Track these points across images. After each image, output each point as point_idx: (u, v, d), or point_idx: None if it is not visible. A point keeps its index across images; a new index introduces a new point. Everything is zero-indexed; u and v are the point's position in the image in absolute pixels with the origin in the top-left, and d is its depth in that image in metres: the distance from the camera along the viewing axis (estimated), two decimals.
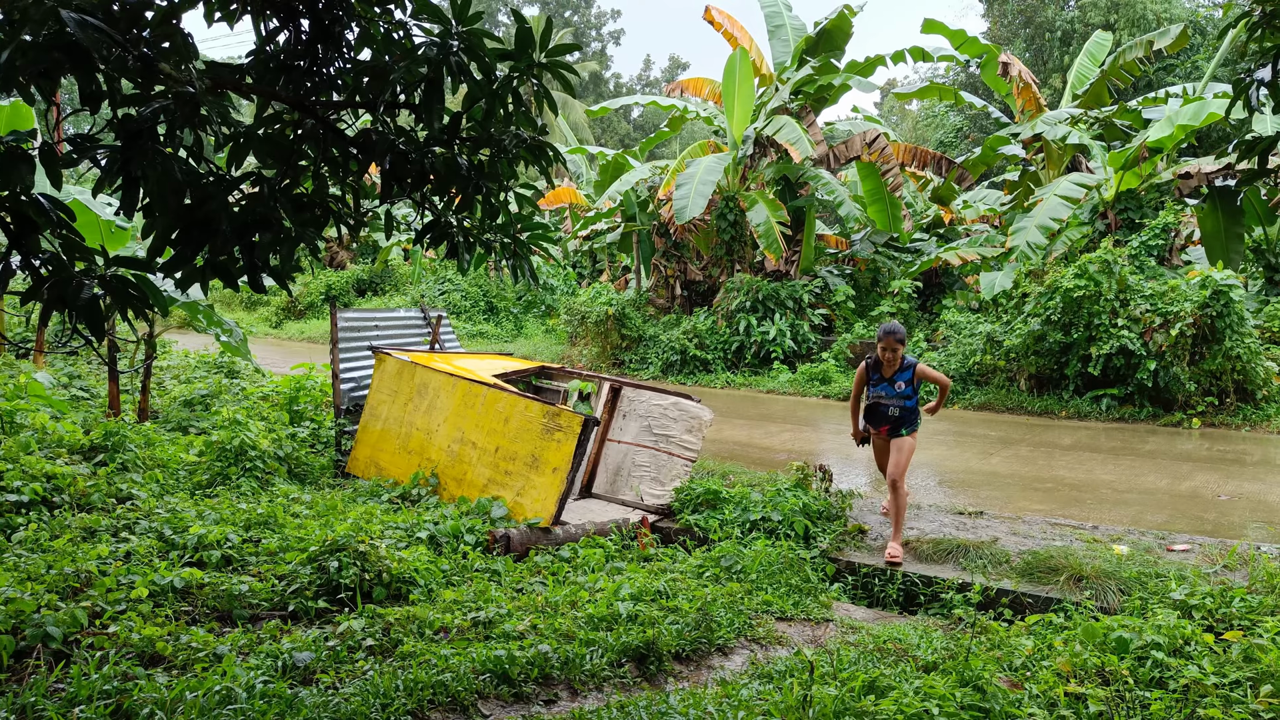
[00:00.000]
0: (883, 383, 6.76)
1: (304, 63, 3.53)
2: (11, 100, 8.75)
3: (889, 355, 6.60)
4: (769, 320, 17.26)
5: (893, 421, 6.77)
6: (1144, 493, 8.50)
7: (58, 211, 2.97)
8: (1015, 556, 6.23)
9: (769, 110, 18.26)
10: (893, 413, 6.72)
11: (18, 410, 7.49)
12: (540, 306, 25.39)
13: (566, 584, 5.63)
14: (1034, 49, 31.51)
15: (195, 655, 4.11)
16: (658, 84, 63.48)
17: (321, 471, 8.36)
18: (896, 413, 6.72)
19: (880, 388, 6.76)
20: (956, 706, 3.71)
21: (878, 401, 6.77)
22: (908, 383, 6.70)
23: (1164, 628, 4.35)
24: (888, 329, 6.61)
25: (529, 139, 3.63)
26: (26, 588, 4.49)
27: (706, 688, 4.25)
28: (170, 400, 10.70)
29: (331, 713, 3.61)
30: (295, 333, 25.80)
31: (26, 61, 2.70)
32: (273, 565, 5.41)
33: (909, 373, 6.70)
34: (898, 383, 6.69)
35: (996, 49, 17.69)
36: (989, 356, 13.93)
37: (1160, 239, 14.26)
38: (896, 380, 6.69)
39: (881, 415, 6.81)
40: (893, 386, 6.70)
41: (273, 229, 3.35)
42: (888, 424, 6.80)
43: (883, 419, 6.81)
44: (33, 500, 6.00)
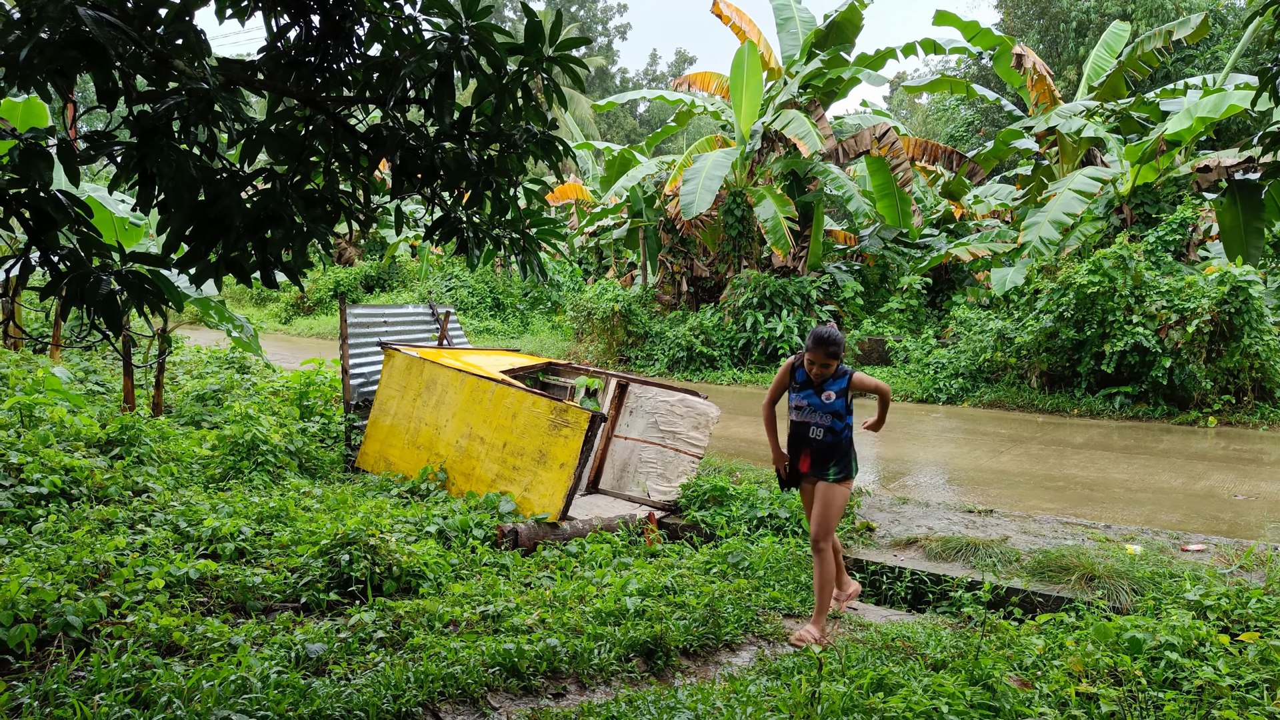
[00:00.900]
0: (807, 388, 5.22)
1: (315, 59, 3.54)
2: (26, 98, 8.80)
3: (818, 372, 5.13)
4: (776, 317, 17.24)
5: (815, 450, 5.19)
6: (1158, 492, 8.46)
7: (75, 208, 3.00)
8: (1026, 555, 6.22)
9: (777, 104, 18.22)
10: (815, 435, 5.18)
11: (36, 404, 7.56)
12: (546, 303, 25.41)
13: (574, 579, 5.65)
14: (1048, 40, 31.32)
15: (211, 645, 4.15)
16: (664, 78, 63.38)
17: (331, 466, 8.40)
18: (820, 435, 5.17)
19: (803, 395, 5.22)
20: (966, 705, 3.71)
21: (797, 418, 5.28)
22: (840, 393, 5.16)
23: (1178, 628, 4.34)
24: (821, 337, 5.08)
25: (539, 134, 3.63)
26: (47, 578, 4.54)
27: (714, 683, 4.27)
28: (183, 395, 10.76)
29: (344, 703, 3.64)
30: (304, 329, 25.89)
31: (43, 59, 2.72)
32: (285, 558, 5.46)
33: (843, 381, 5.19)
34: (826, 392, 5.16)
35: (1010, 40, 17.59)
36: (1000, 353, 13.88)
37: (1177, 234, 14.16)
38: (825, 389, 5.17)
39: (801, 438, 5.25)
40: (819, 396, 5.18)
41: (284, 225, 3.37)
42: (808, 452, 5.23)
43: (803, 443, 5.24)
44: (52, 492, 6.06)
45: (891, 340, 16.32)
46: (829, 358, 5.07)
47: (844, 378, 5.21)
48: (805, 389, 5.22)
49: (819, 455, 5.19)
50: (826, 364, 5.08)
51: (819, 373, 5.12)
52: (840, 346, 5.11)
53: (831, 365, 5.09)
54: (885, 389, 5.40)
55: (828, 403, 5.16)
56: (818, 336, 5.09)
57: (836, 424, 5.19)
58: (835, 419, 5.18)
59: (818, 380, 5.17)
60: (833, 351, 5.07)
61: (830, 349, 5.06)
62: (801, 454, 5.26)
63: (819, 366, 5.09)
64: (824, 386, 5.18)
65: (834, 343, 5.08)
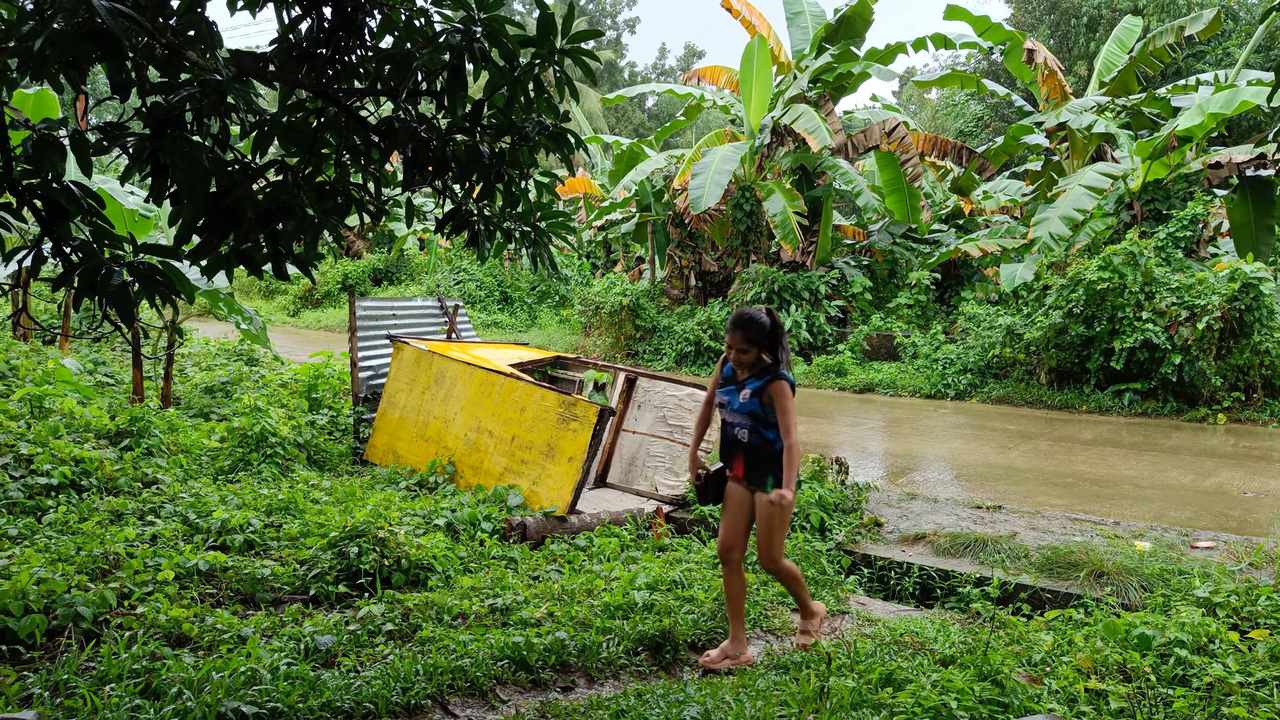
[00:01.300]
0: (730, 384, 4.68)
1: (326, 51, 3.54)
2: (37, 89, 8.82)
3: (735, 357, 4.55)
4: (784, 311, 17.21)
5: (748, 454, 4.61)
6: (1167, 489, 8.44)
7: (88, 199, 3.00)
8: (1034, 551, 6.21)
9: (787, 99, 18.17)
10: (740, 436, 4.62)
11: (46, 395, 7.58)
12: (554, 297, 25.42)
13: (582, 572, 5.66)
14: (1059, 35, 31.16)
15: (220, 637, 4.17)
16: (673, 72, 63.26)
17: (340, 458, 8.42)
18: (745, 438, 4.60)
19: (725, 392, 4.69)
20: (975, 700, 3.70)
21: (724, 418, 4.73)
22: (755, 394, 4.52)
23: (1188, 625, 4.32)
24: (739, 318, 4.52)
25: (551, 126, 3.63)
26: (58, 568, 4.56)
27: (723, 677, 4.27)
28: (192, 387, 10.79)
29: (353, 695, 3.65)
30: (312, 321, 25.95)
31: (56, 50, 2.72)
32: (294, 550, 5.47)
33: (761, 382, 4.52)
34: (744, 390, 4.57)
35: (1021, 35, 17.51)
36: (1008, 349, 13.85)
37: (1188, 230, 14.10)
38: (745, 387, 4.58)
39: (731, 440, 4.69)
40: (737, 395, 4.60)
41: (296, 217, 3.37)
42: (741, 456, 4.64)
43: (734, 445, 4.68)
44: (62, 483, 6.09)
45: (900, 336, 16.29)
46: (745, 341, 4.46)
47: (765, 379, 4.52)
48: (728, 385, 4.68)
49: (753, 460, 4.58)
50: (744, 349, 4.46)
51: (736, 359, 4.53)
52: (760, 332, 4.45)
53: (750, 352, 4.47)
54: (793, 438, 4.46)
55: (743, 402, 4.56)
56: (734, 315, 4.55)
57: (760, 429, 4.56)
58: (755, 422, 4.56)
59: (739, 373, 4.63)
60: (748, 336, 4.45)
61: (746, 331, 4.45)
62: (735, 458, 4.67)
63: (736, 352, 4.50)
64: (745, 384, 4.58)
65: (750, 324, 4.46)
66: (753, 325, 4.46)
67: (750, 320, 4.47)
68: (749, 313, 4.50)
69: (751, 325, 4.46)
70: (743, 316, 4.50)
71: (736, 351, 4.49)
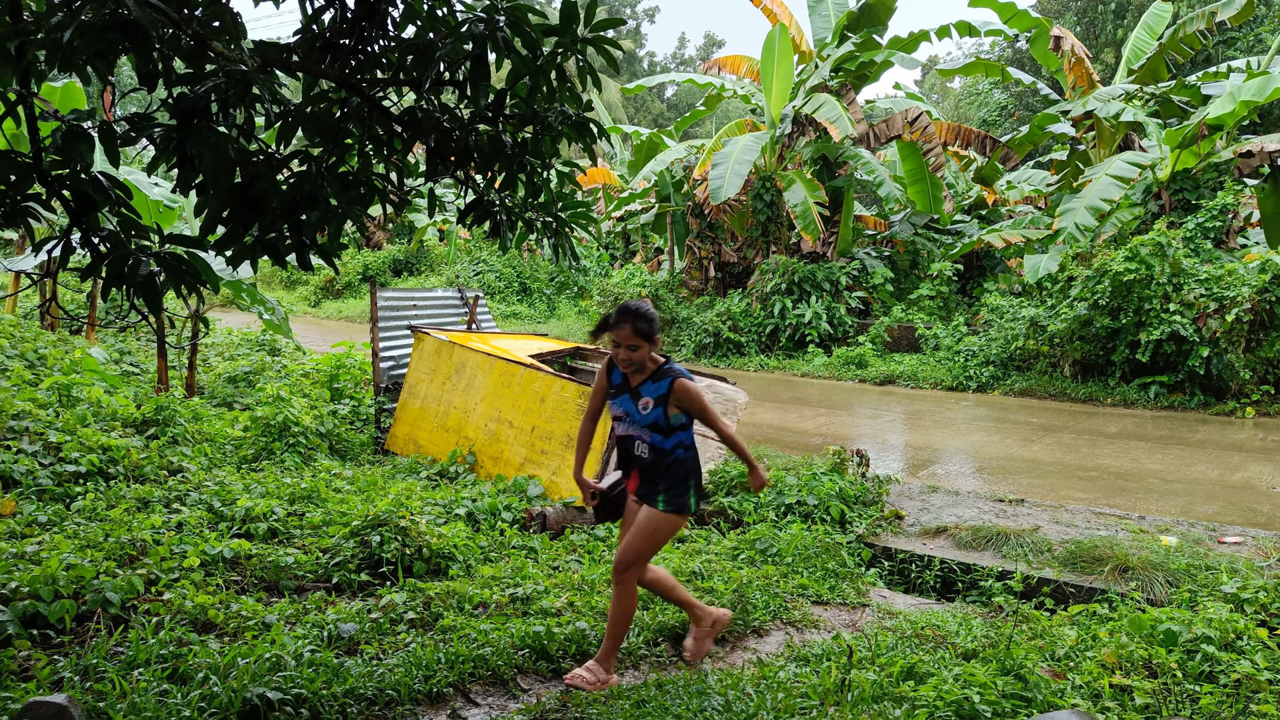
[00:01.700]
0: (624, 393, 4.13)
1: (350, 41, 3.55)
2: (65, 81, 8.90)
3: (624, 356, 4.00)
4: (804, 303, 17.14)
5: (642, 470, 4.15)
6: (1193, 483, 8.34)
7: (115, 190, 3.02)
8: (1058, 545, 6.16)
9: (808, 88, 18.05)
10: (640, 452, 4.11)
11: (74, 384, 7.68)
12: (573, 288, 25.44)
13: (602, 563, 5.67)
14: (1085, 22, 30.77)
15: (245, 623, 4.21)
16: (693, 62, 63.00)
17: (361, 448, 8.48)
18: (646, 455, 4.09)
19: (620, 403, 4.15)
20: (997, 695, 3.68)
21: (620, 430, 4.22)
22: (659, 402, 4.02)
23: (1215, 621, 4.28)
24: (628, 309, 4.00)
25: (574, 116, 3.62)
26: (86, 554, 4.62)
27: (743, 669, 4.27)
28: (215, 376, 10.89)
29: (376, 683, 3.68)
30: (333, 312, 26.11)
31: (84, 42, 2.74)
32: (316, 538, 5.52)
33: (663, 386, 4.02)
34: (644, 399, 4.05)
35: (1048, 23, 17.28)
36: (1032, 341, 13.72)
37: (1217, 221, 13.88)
38: (642, 395, 4.06)
39: (628, 454, 4.20)
40: (635, 404, 4.08)
41: (320, 207, 3.39)
42: (636, 470, 4.19)
43: (629, 461, 4.21)
44: (90, 471, 6.17)
45: (921, 327, 16.18)
46: (636, 336, 3.93)
47: (665, 382, 4.02)
48: (622, 394, 4.12)
49: (647, 475, 4.14)
50: (634, 345, 3.95)
51: (625, 359, 3.98)
52: (652, 324, 3.97)
53: (641, 349, 3.97)
54: (723, 425, 4.07)
55: (644, 413, 4.03)
56: (621, 307, 4.01)
57: (660, 440, 4.05)
58: (656, 435, 4.05)
59: (632, 376, 4.08)
60: (640, 329, 3.93)
61: (638, 323, 3.93)
62: (631, 470, 4.24)
63: (625, 350, 3.96)
64: (641, 391, 4.06)
65: (642, 316, 3.95)
66: (645, 317, 3.96)
67: (641, 311, 3.97)
68: (637, 303, 4.02)
69: (644, 317, 3.95)
70: (632, 307, 3.98)
71: (625, 349, 3.96)
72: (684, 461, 4.12)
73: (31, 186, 3.11)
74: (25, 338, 10.00)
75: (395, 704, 3.67)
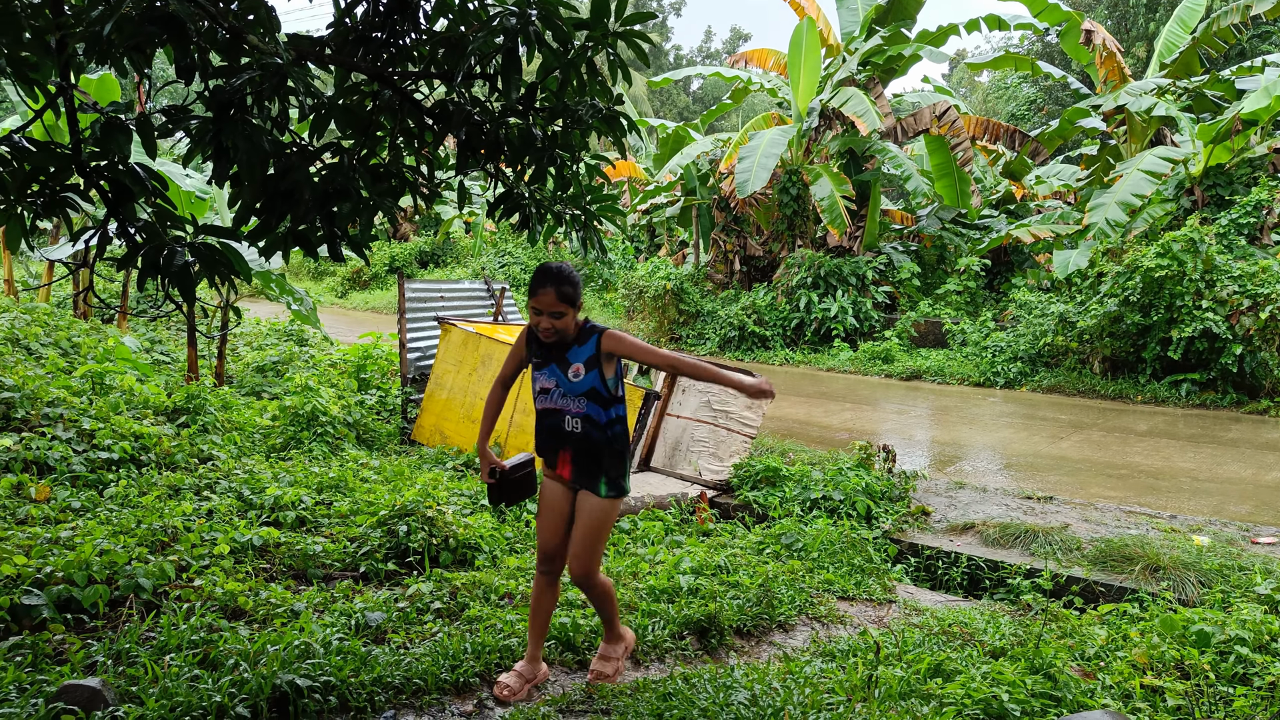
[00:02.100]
0: (550, 363, 3.73)
1: (381, 34, 3.56)
2: (100, 74, 9.00)
3: (547, 325, 3.61)
4: (830, 297, 17.05)
5: (578, 450, 3.70)
6: (1226, 482, 8.23)
7: (152, 181, 3.06)
8: (1087, 544, 6.10)
9: (835, 81, 17.94)
10: (571, 426, 3.68)
11: (107, 372, 7.79)
12: (598, 280, 25.47)
13: (627, 555, 5.68)
14: (1116, 16, 30.34)
15: (274, 610, 4.26)
16: (718, 55, 62.77)
17: (388, 438, 8.54)
18: (578, 428, 3.68)
19: (547, 373, 3.73)
20: (1026, 693, 3.65)
21: (544, 405, 3.76)
22: (589, 364, 3.65)
23: (1249, 622, 4.22)
24: (549, 271, 3.60)
25: (604, 109, 3.61)
26: (119, 540, 4.69)
27: (769, 664, 4.26)
28: (244, 366, 11.01)
29: (404, 671, 3.70)
30: (360, 303, 26.29)
31: (123, 35, 2.77)
32: (344, 528, 5.56)
33: (589, 346, 3.66)
34: (573, 366, 3.66)
35: (1079, 16, 17.06)
36: (1061, 337, 13.58)
37: (1251, 217, 13.67)
38: (570, 361, 3.68)
39: (556, 432, 3.74)
40: (564, 373, 3.68)
41: (352, 199, 3.41)
42: (568, 452, 3.72)
43: (559, 439, 3.74)
44: (122, 458, 6.26)
45: (949, 323, 16.06)
46: (561, 301, 3.55)
47: (591, 340, 3.65)
48: (548, 364, 3.71)
49: (584, 457, 3.69)
50: (558, 312, 3.56)
51: (548, 328, 3.60)
52: (576, 288, 3.58)
53: (565, 315, 3.57)
54: (671, 356, 3.71)
55: (577, 381, 3.64)
56: (540, 270, 3.59)
57: (597, 413, 3.66)
58: (594, 405, 3.66)
59: (555, 344, 3.69)
60: (565, 293, 3.55)
61: (562, 287, 3.54)
62: (559, 454, 3.74)
63: (547, 317, 3.57)
64: (569, 357, 3.67)
65: (564, 279, 3.55)
66: (569, 280, 3.57)
67: (564, 274, 3.57)
68: (557, 265, 3.62)
69: (567, 280, 3.56)
70: (553, 269, 3.58)
71: (548, 317, 3.57)
72: (623, 436, 3.76)
73: (70, 177, 3.15)
74: (59, 326, 10.14)
75: (422, 693, 3.69)
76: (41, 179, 3.11)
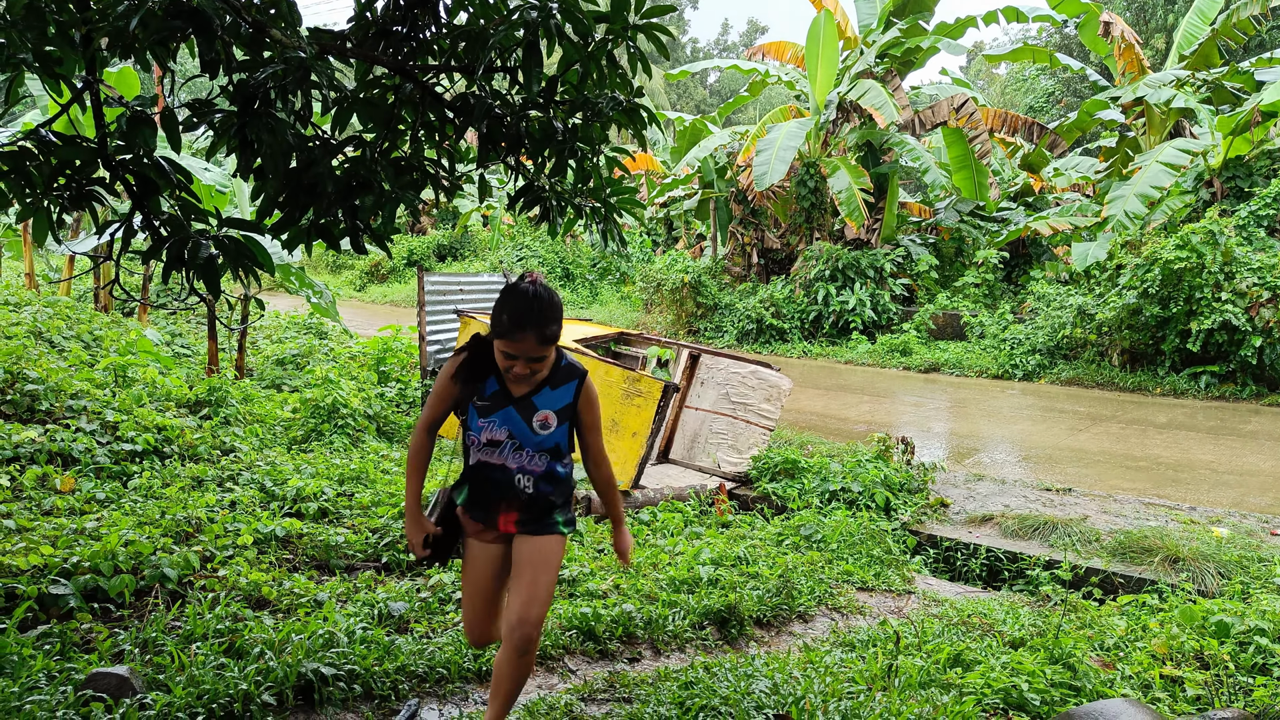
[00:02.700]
0: (505, 408, 2.90)
1: (403, 28, 3.58)
2: (121, 67, 9.07)
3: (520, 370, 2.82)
4: (848, 290, 17.00)
5: (525, 504, 2.95)
6: (1246, 474, 8.18)
7: (177, 174, 3.09)
8: (1106, 535, 6.08)
9: (853, 74, 17.85)
10: (523, 484, 2.93)
11: (129, 365, 7.87)
12: (616, 273, 25.48)
13: (647, 546, 5.70)
14: (1135, 7, 30.05)
15: (298, 600, 4.30)
16: (735, 48, 62.57)
17: (409, 430, 8.59)
18: (531, 487, 2.93)
19: (499, 420, 2.89)
20: (1046, 683, 3.66)
21: (489, 459, 2.93)
22: (563, 415, 2.93)
23: (1268, 613, 4.22)
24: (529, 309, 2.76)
25: (625, 102, 3.63)
26: (144, 531, 4.74)
27: (789, 653, 4.28)
28: (264, 359, 11.09)
29: (427, 660, 3.74)
30: (378, 296, 26.41)
31: (148, 30, 2.81)
32: (366, 519, 5.61)
33: (566, 392, 2.93)
34: (541, 413, 2.90)
35: (1097, 7, 16.92)
36: (1079, 330, 13.50)
37: (1271, 209, 13.54)
38: (538, 407, 2.90)
39: (503, 488, 2.94)
40: (526, 421, 2.90)
41: (374, 191, 3.44)
42: (515, 509, 2.96)
43: (500, 496, 2.96)
44: (145, 450, 6.32)
45: (967, 315, 15.99)
46: (542, 343, 2.77)
47: (570, 385, 2.93)
48: (501, 407, 2.90)
49: (533, 513, 2.97)
50: (538, 357, 2.81)
51: (522, 374, 2.82)
52: (560, 318, 2.82)
53: (547, 359, 2.85)
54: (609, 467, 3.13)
55: (542, 434, 2.90)
56: (517, 300, 2.77)
57: (558, 469, 2.97)
58: (555, 462, 2.95)
59: (516, 388, 2.89)
60: (550, 334, 2.77)
61: (547, 329, 2.75)
62: (498, 515, 2.97)
63: (522, 364, 2.80)
64: (536, 402, 2.89)
65: (549, 318, 2.77)
66: (555, 315, 2.80)
67: (549, 310, 2.76)
68: (536, 291, 2.79)
69: (553, 317, 2.79)
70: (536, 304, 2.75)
71: (525, 363, 2.80)
72: (569, 479, 3.07)
73: (96, 171, 3.19)
74: (81, 320, 10.25)
75: (445, 681, 3.73)
76: (68, 173, 3.15)
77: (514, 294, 2.80)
